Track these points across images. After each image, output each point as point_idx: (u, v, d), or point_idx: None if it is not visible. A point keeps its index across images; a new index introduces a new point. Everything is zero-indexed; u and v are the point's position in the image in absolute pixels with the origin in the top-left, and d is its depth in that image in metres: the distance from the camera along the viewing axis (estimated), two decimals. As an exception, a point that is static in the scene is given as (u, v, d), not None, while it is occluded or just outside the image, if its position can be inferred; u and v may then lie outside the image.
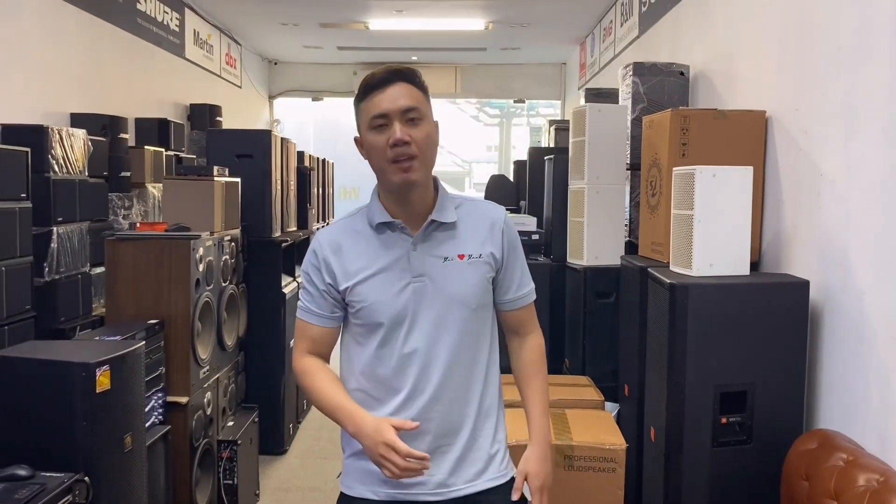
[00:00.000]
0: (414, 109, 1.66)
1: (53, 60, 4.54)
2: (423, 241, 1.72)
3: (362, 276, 1.71)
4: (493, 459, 1.78)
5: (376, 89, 1.66)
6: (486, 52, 9.06)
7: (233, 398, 3.95)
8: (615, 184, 3.78)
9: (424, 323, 1.70)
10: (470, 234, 1.75)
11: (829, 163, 2.54)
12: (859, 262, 2.34)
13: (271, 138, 4.64)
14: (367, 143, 1.69)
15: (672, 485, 2.50)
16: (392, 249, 1.72)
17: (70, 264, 3.52)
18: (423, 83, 1.72)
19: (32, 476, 2.08)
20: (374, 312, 1.70)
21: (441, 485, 1.72)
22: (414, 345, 1.70)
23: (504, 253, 1.79)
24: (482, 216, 1.79)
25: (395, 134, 1.63)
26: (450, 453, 1.73)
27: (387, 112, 1.64)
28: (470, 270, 1.73)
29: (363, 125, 1.69)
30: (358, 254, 1.73)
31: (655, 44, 5.07)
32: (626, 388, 3.32)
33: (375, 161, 1.69)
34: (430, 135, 1.69)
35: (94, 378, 2.24)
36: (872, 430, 2.23)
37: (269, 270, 4.61)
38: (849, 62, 2.43)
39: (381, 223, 1.73)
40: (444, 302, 1.70)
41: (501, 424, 1.84)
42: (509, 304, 1.83)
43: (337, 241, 1.75)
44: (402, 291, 1.70)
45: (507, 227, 1.80)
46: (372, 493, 1.75)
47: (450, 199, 1.77)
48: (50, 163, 3.40)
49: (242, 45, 8.73)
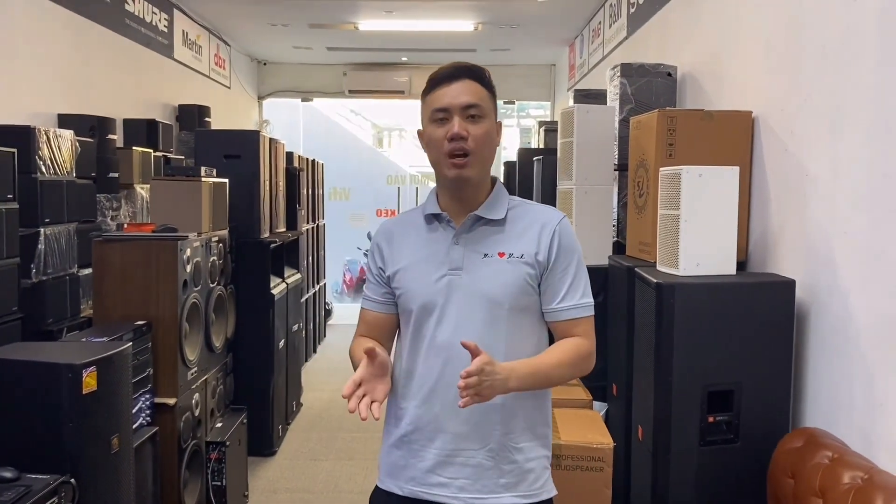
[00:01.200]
0: (476, 106, 1.68)
1: (41, 61, 4.52)
2: (465, 235, 1.73)
3: (404, 264, 1.75)
4: (527, 476, 1.71)
5: (442, 83, 1.69)
6: (475, 53, 9.07)
7: (221, 399, 3.94)
8: (603, 184, 3.80)
9: (453, 315, 1.69)
10: (517, 234, 1.73)
11: (814, 163, 2.56)
12: (844, 261, 2.36)
13: (259, 139, 4.64)
14: (427, 135, 1.72)
15: (660, 483, 2.51)
16: (436, 240, 1.75)
17: (57, 265, 3.50)
18: (490, 82, 1.74)
19: (18, 478, 2.07)
20: (408, 300, 1.74)
21: (463, 489, 1.68)
22: (442, 336, 1.69)
23: (551, 256, 1.71)
24: (535, 218, 1.76)
25: (454, 128, 1.66)
26: (473, 459, 1.68)
27: (448, 106, 1.67)
28: (508, 269, 1.70)
29: (425, 117, 1.72)
30: (405, 243, 1.78)
31: (643, 45, 5.09)
32: (614, 387, 3.33)
33: (433, 154, 1.72)
34: (489, 133, 1.71)
35: (81, 379, 2.23)
36: (857, 428, 2.25)
37: (258, 271, 4.61)
38: (834, 63, 2.45)
39: (429, 214, 1.77)
40: (476, 297, 1.69)
41: (544, 442, 1.76)
42: (552, 314, 1.73)
43: (391, 229, 1.82)
44: (437, 282, 1.71)
45: (561, 231, 1.73)
46: (398, 488, 1.75)
47: (505, 200, 1.77)
48: (37, 164, 3.38)
49: (231, 45, 8.71)
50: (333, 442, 5.05)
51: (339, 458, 4.75)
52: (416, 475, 1.72)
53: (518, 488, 1.70)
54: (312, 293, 7.35)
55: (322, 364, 7.21)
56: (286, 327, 5.04)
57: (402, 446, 1.74)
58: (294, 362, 5.37)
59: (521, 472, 1.71)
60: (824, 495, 2.06)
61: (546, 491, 1.75)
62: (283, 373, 4.94)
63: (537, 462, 1.74)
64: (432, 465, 1.70)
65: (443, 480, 1.69)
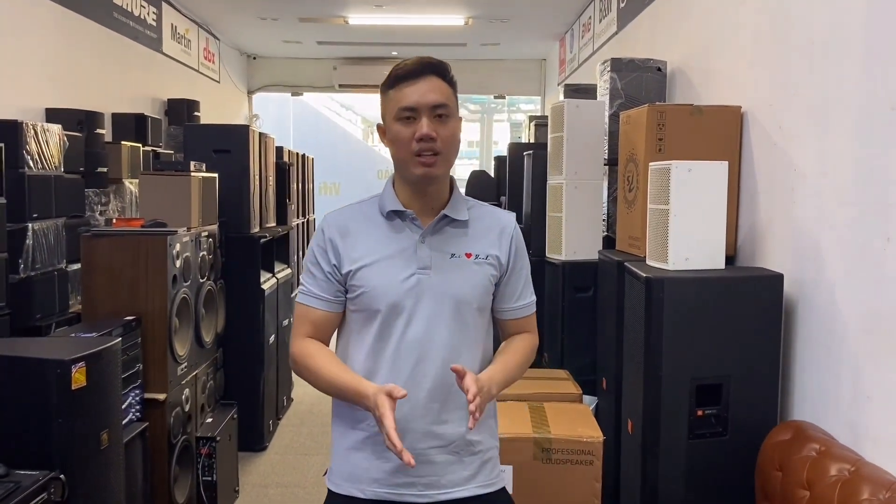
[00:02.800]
0: (443, 106, 1.66)
1: (28, 55, 4.48)
2: (432, 235, 1.72)
3: (366, 262, 1.69)
4: (485, 466, 1.76)
5: (407, 80, 1.65)
6: (466, 47, 9.06)
7: (211, 395, 3.93)
8: (593, 179, 3.80)
9: (423, 316, 1.68)
10: (480, 236, 1.75)
11: (802, 158, 2.57)
12: (832, 256, 2.37)
13: (249, 133, 4.62)
14: (392, 133, 1.68)
15: (649, 477, 2.52)
16: (400, 238, 1.71)
17: (45, 261, 3.49)
18: (453, 79, 1.71)
19: (7, 474, 2.06)
20: (373, 299, 1.68)
21: (430, 486, 1.70)
22: (412, 336, 1.67)
23: (510, 260, 1.78)
24: (494, 221, 1.79)
25: (423, 129, 1.63)
26: (441, 454, 1.70)
27: (416, 105, 1.64)
28: (475, 270, 1.72)
29: (389, 114, 1.68)
30: (364, 239, 1.71)
31: (633, 40, 5.09)
32: (603, 381, 3.34)
33: (398, 152, 1.68)
34: (455, 133, 1.70)
35: (70, 375, 2.22)
36: (844, 421, 2.26)
37: (248, 266, 4.59)
38: (822, 58, 2.46)
39: (392, 211, 1.72)
40: (445, 297, 1.69)
41: (495, 432, 1.83)
42: (509, 312, 1.81)
43: (345, 224, 1.74)
44: (405, 281, 1.68)
45: (516, 235, 1.80)
46: (360, 492, 1.72)
47: (463, 199, 1.78)
48: (25, 158, 3.36)
49: (221, 39, 8.67)
50: (324, 437, 5.04)
51: (329, 452, 4.73)
52: (381, 476, 1.69)
53: (478, 478, 1.75)
54: (303, 288, 7.32)
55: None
56: (276, 322, 5.04)
57: (365, 448, 1.71)
58: (284, 357, 5.35)
59: (481, 462, 1.76)
60: (811, 488, 2.07)
61: (500, 479, 1.81)
62: (273, 368, 4.94)
63: (491, 452, 1.80)
64: (399, 464, 1.64)
65: (410, 480, 1.69)
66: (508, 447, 2.81)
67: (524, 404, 3.15)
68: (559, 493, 2.80)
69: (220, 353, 4.23)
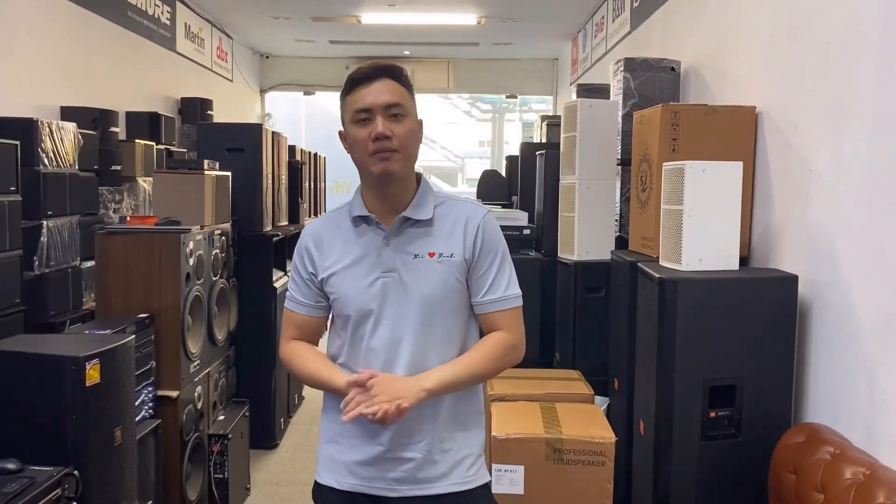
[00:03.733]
0: (397, 105, 1.68)
1: (44, 54, 4.51)
2: (395, 237, 1.73)
3: (336, 268, 1.75)
4: (460, 465, 1.77)
5: (361, 84, 1.68)
6: (478, 47, 9.06)
7: (223, 392, 3.95)
8: (606, 179, 3.79)
9: (389, 318, 1.71)
10: (445, 233, 1.75)
11: (818, 158, 2.56)
12: (847, 257, 2.35)
13: (262, 132, 4.63)
14: (350, 136, 1.71)
15: (661, 478, 2.51)
16: (365, 243, 1.74)
17: (60, 258, 3.51)
18: (408, 80, 1.73)
19: (22, 470, 2.08)
20: (343, 304, 1.75)
21: (400, 481, 1.74)
22: (378, 340, 1.72)
23: (475, 252, 1.74)
24: (460, 215, 1.77)
25: (378, 128, 1.66)
26: (409, 453, 1.73)
27: (370, 107, 1.67)
28: (439, 269, 1.72)
29: (347, 119, 1.72)
30: (335, 246, 1.77)
31: (647, 39, 5.07)
32: (615, 382, 3.33)
33: (357, 154, 1.71)
34: (413, 131, 1.71)
35: (84, 372, 2.24)
36: (859, 423, 2.25)
37: (260, 264, 4.61)
38: (838, 58, 2.45)
39: (357, 216, 1.76)
40: (410, 299, 1.71)
41: (477, 432, 1.82)
42: (478, 307, 1.77)
43: (319, 233, 1.80)
44: (370, 286, 1.72)
45: (484, 227, 1.76)
46: (336, 483, 1.78)
47: (431, 197, 1.77)
48: (40, 156, 3.38)
49: (234, 38, 8.70)
50: (335, 435, 5.05)
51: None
52: (354, 469, 1.75)
53: (451, 477, 1.76)
54: (314, 287, 7.35)
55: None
56: (288, 321, 5.04)
57: (341, 441, 1.77)
58: (296, 356, 5.36)
59: (454, 461, 1.77)
60: (826, 491, 2.06)
61: (480, 477, 1.81)
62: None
63: (469, 450, 1.80)
64: (369, 458, 1.74)
65: (382, 475, 1.73)
66: (520, 447, 2.81)
67: (536, 405, 3.15)
68: (571, 494, 2.79)
69: (232, 351, 4.24)
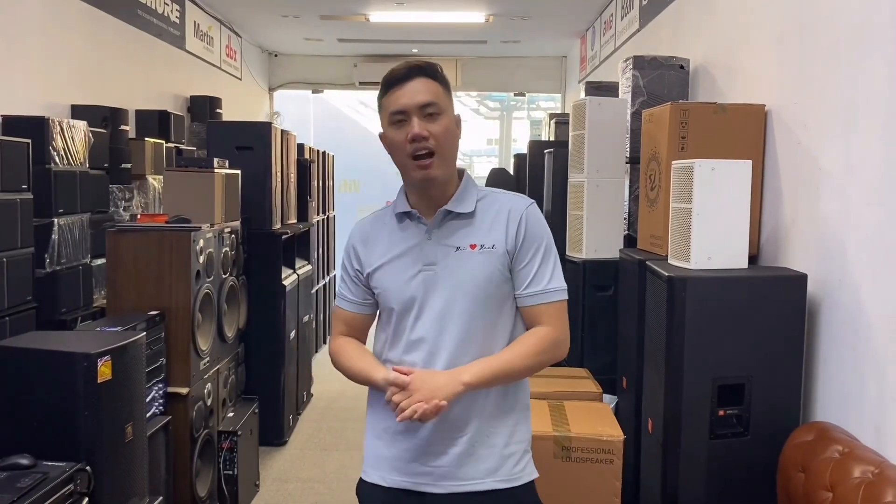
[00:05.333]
0: (432, 104, 1.68)
1: (54, 52, 4.54)
2: (437, 230, 1.74)
3: (379, 263, 1.78)
4: (508, 460, 1.75)
5: (396, 85, 1.69)
6: (486, 44, 9.05)
7: (233, 389, 3.97)
8: (614, 177, 3.79)
9: (432, 311, 1.71)
10: (487, 225, 1.75)
11: (828, 157, 2.55)
12: (857, 256, 2.35)
13: (271, 130, 4.65)
14: (389, 138, 1.72)
15: (669, 476, 2.51)
16: (408, 238, 1.77)
17: (71, 255, 3.53)
18: (443, 77, 1.73)
19: (34, 465, 2.10)
20: (387, 298, 1.77)
21: (445, 477, 1.72)
22: (420, 332, 1.73)
23: (517, 243, 1.73)
24: (503, 207, 1.77)
25: (413, 129, 1.66)
26: (455, 447, 1.71)
27: (404, 108, 1.67)
28: (481, 260, 1.72)
29: (384, 121, 1.72)
30: (379, 242, 1.80)
31: (656, 37, 5.06)
32: (623, 380, 3.33)
33: (397, 157, 1.72)
34: (449, 129, 1.71)
35: (96, 368, 2.25)
36: (868, 422, 2.24)
37: (270, 262, 4.63)
38: (848, 56, 2.44)
39: (400, 213, 1.78)
40: (452, 291, 1.71)
41: (523, 425, 1.80)
42: (520, 300, 1.75)
43: (366, 230, 1.84)
44: (413, 279, 1.73)
45: (527, 218, 1.75)
46: (382, 480, 1.77)
47: (473, 191, 1.78)
48: (51, 154, 3.40)
49: (243, 37, 8.71)
50: (343, 432, 5.07)
51: (348, 448, 4.77)
52: (401, 466, 1.75)
53: (498, 473, 1.74)
54: (322, 284, 7.36)
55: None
56: (297, 318, 5.07)
57: (385, 437, 1.77)
58: (305, 353, 5.39)
59: (501, 457, 1.75)
60: (834, 489, 2.06)
61: (526, 475, 1.79)
62: (293, 363, 4.97)
63: (516, 447, 1.77)
64: (415, 455, 1.73)
65: (427, 470, 1.73)
66: (528, 445, 2.81)
67: (544, 402, 3.15)
68: (579, 492, 2.80)
69: (241, 349, 4.26)
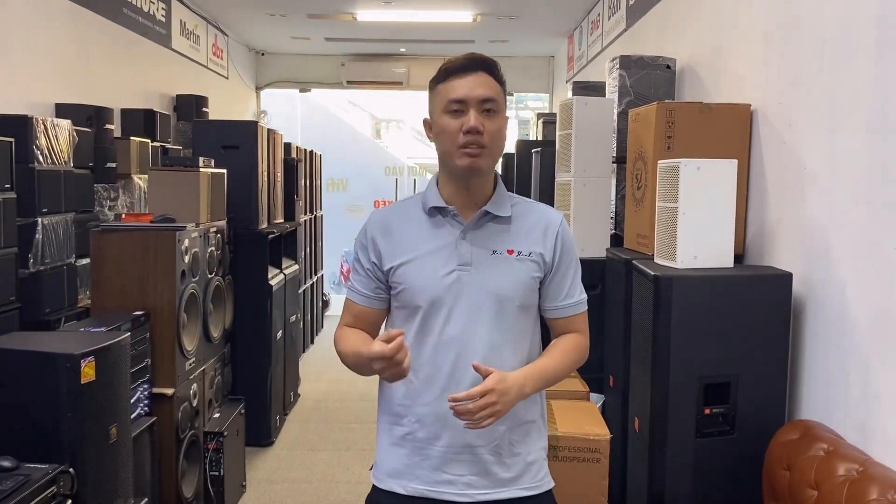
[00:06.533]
0: (492, 101, 1.67)
1: (38, 50, 4.50)
2: (473, 231, 1.71)
3: (407, 258, 1.71)
4: (530, 468, 1.74)
5: (456, 74, 1.67)
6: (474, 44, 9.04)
7: (219, 390, 3.95)
8: (601, 177, 3.79)
9: (463, 312, 1.67)
10: (523, 232, 1.74)
11: (813, 156, 2.56)
12: (842, 255, 2.36)
13: (258, 129, 4.63)
14: (439, 125, 1.69)
15: (656, 475, 2.52)
16: (441, 235, 1.71)
17: (55, 255, 3.50)
18: (502, 77, 1.72)
19: (17, 467, 2.08)
20: (414, 296, 1.70)
21: (470, 485, 1.69)
22: (451, 333, 1.68)
23: (556, 257, 1.75)
24: (539, 218, 1.77)
25: (470, 121, 1.64)
26: (482, 454, 1.69)
27: (465, 98, 1.65)
28: (518, 267, 1.71)
29: (438, 107, 1.69)
30: (405, 236, 1.73)
31: (642, 37, 5.08)
32: (611, 379, 3.34)
33: (444, 144, 1.69)
34: (502, 129, 1.70)
35: (79, 369, 2.24)
36: (853, 421, 2.26)
37: (256, 262, 4.61)
38: (833, 56, 2.45)
39: (433, 207, 1.72)
40: (486, 294, 1.68)
41: (542, 434, 1.80)
42: (556, 311, 1.77)
43: (387, 221, 1.77)
44: (445, 277, 1.68)
45: (563, 233, 1.77)
46: (401, 488, 1.72)
47: (507, 196, 1.77)
48: (34, 153, 3.37)
49: (229, 35, 8.67)
50: (330, 432, 5.06)
51: (336, 448, 4.76)
52: (422, 474, 1.70)
53: (521, 481, 1.72)
54: (310, 284, 7.36)
55: (319, 355, 7.21)
56: (284, 318, 5.05)
57: (406, 444, 1.72)
58: (292, 353, 5.37)
59: (524, 465, 1.73)
60: (819, 487, 2.07)
61: (546, 483, 1.78)
62: (280, 363, 4.95)
63: (537, 454, 1.76)
64: (439, 462, 1.69)
65: (450, 478, 1.69)
66: (515, 444, 2.81)
67: (531, 402, 3.15)
68: (566, 491, 2.78)
69: (227, 349, 4.24)
